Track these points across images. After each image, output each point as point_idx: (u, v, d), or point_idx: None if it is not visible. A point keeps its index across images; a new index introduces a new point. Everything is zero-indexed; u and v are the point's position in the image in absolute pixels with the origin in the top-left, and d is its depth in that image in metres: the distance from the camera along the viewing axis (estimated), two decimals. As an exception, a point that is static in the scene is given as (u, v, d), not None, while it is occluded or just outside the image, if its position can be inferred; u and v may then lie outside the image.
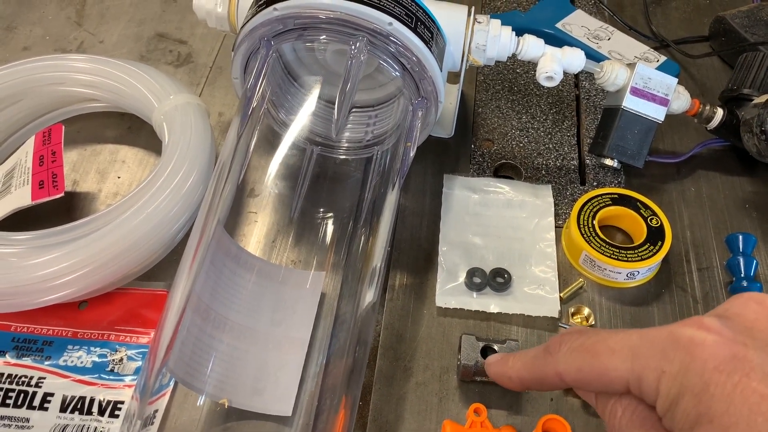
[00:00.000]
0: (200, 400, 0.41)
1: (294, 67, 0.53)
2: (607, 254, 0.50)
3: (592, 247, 0.51)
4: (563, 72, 0.53)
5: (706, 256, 0.54)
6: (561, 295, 0.51)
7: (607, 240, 0.51)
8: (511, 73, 0.68)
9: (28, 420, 0.44)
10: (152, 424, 0.39)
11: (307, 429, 0.41)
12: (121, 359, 0.47)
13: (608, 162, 0.57)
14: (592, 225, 0.52)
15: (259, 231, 0.51)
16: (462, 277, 0.51)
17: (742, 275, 0.51)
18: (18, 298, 0.46)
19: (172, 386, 0.42)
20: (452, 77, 0.57)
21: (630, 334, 0.30)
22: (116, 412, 0.44)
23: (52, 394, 0.45)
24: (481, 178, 0.58)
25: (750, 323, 0.28)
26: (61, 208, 0.55)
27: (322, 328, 0.45)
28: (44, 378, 0.45)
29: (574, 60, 0.53)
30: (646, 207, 0.53)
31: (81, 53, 0.66)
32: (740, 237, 0.53)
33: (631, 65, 0.55)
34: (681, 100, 0.56)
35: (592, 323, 0.49)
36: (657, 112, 0.55)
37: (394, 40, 0.46)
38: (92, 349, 0.47)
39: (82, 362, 0.46)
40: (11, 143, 0.59)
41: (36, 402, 0.44)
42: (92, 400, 0.44)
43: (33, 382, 0.45)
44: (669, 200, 0.58)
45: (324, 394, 0.42)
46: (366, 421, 0.45)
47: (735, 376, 0.26)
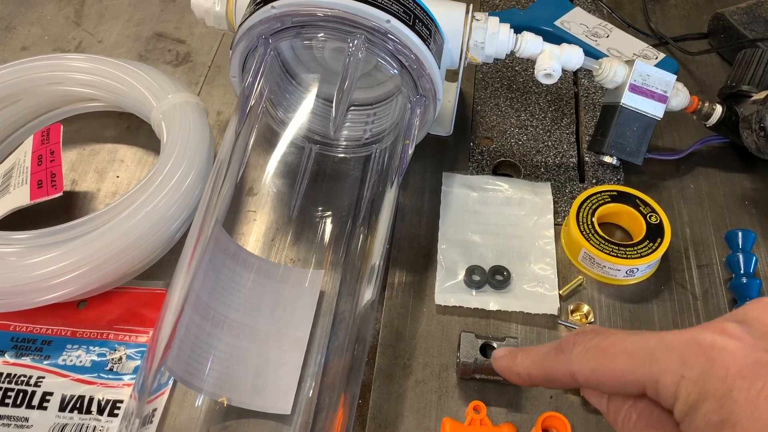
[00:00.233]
0: (199, 399, 0.41)
1: (292, 65, 0.53)
2: (606, 251, 0.50)
3: (592, 245, 0.51)
4: (562, 69, 0.53)
5: (705, 253, 0.54)
6: (560, 292, 0.51)
7: (607, 237, 0.51)
8: (510, 71, 0.68)
9: (27, 419, 0.44)
10: (151, 423, 0.39)
11: (307, 427, 0.41)
12: (120, 358, 0.47)
13: (607, 159, 0.57)
14: (591, 222, 0.52)
15: (258, 229, 0.51)
16: (461, 275, 0.51)
17: (742, 272, 0.51)
18: (17, 298, 0.46)
19: (171, 385, 0.42)
20: (451, 75, 0.57)
21: (648, 337, 0.29)
22: (115, 411, 0.44)
23: (51, 394, 0.45)
24: (480, 176, 0.58)
25: None
26: (60, 208, 0.55)
27: (321, 326, 0.45)
28: (43, 377, 0.45)
29: (572, 57, 0.53)
30: (645, 204, 0.53)
31: (80, 53, 0.66)
32: (739, 234, 0.53)
33: (629, 62, 0.55)
34: (680, 97, 0.56)
35: (592, 320, 0.49)
36: (656, 109, 0.55)
37: (392, 37, 0.46)
38: (91, 348, 0.47)
39: (81, 361, 0.46)
40: (10, 143, 0.59)
41: (35, 401, 0.44)
42: (91, 399, 0.44)
43: (32, 382, 0.45)
44: (668, 197, 0.58)
45: (323, 392, 0.42)
46: (365, 419, 0.45)
47: (759, 381, 0.26)
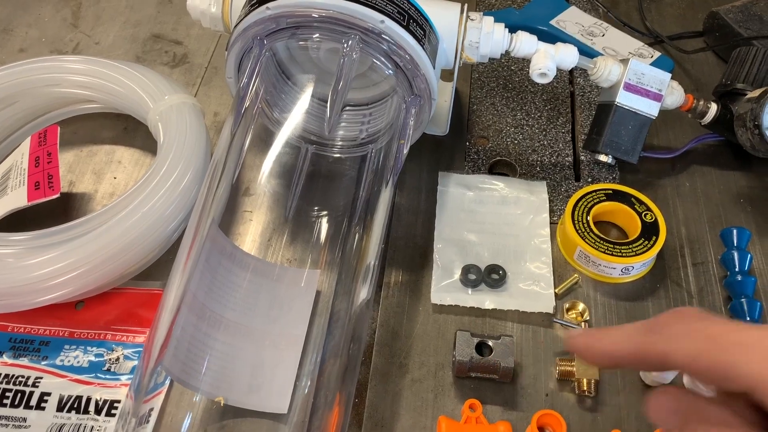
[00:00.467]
0: (196, 398, 0.41)
1: (288, 65, 0.53)
2: (602, 250, 0.51)
3: (587, 243, 0.51)
4: (557, 69, 0.53)
5: (700, 251, 0.54)
6: (556, 290, 0.51)
7: (602, 236, 0.51)
8: (505, 71, 0.68)
9: (25, 419, 0.44)
10: (147, 423, 0.39)
11: (303, 426, 0.41)
12: (117, 358, 0.47)
13: (603, 158, 0.58)
14: (587, 221, 0.52)
15: (254, 230, 0.51)
16: (457, 274, 0.51)
17: (737, 269, 0.51)
18: (15, 299, 0.47)
19: (167, 385, 0.42)
20: (446, 75, 0.57)
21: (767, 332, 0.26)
22: (113, 411, 0.44)
23: (49, 394, 0.45)
24: (476, 175, 0.58)
25: None
26: (57, 209, 0.55)
27: (317, 325, 0.46)
28: (41, 378, 0.46)
29: (567, 56, 0.53)
30: (641, 202, 0.53)
31: (77, 55, 0.66)
32: (734, 231, 0.53)
33: (624, 61, 0.55)
34: (675, 95, 0.56)
35: (587, 318, 0.49)
36: (651, 108, 0.55)
37: (387, 38, 0.46)
38: (89, 348, 0.47)
39: (78, 362, 0.47)
40: (7, 145, 0.59)
41: (33, 402, 0.44)
42: (89, 399, 0.45)
43: (30, 382, 0.45)
44: (664, 195, 0.58)
45: (319, 391, 0.42)
46: (362, 418, 0.45)
47: None
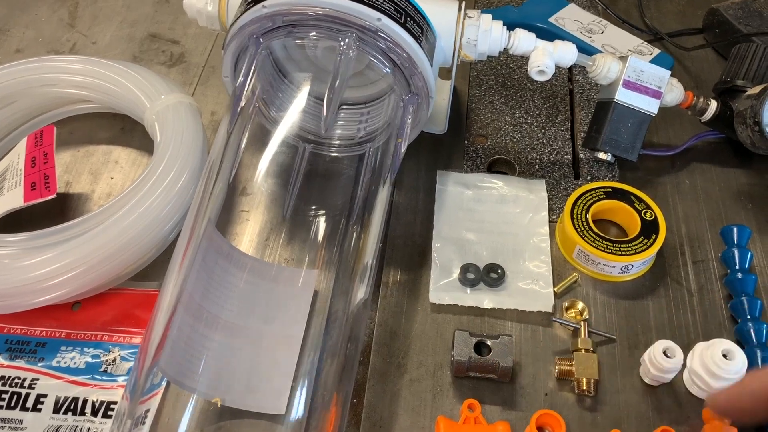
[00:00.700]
0: (192, 399, 0.41)
1: (285, 63, 0.53)
2: (601, 248, 0.50)
3: (586, 242, 0.51)
4: (555, 66, 0.53)
5: (701, 249, 0.54)
6: (555, 289, 0.50)
7: (601, 234, 0.51)
8: (504, 69, 0.68)
9: (21, 421, 0.44)
10: (144, 424, 0.39)
11: (300, 427, 0.41)
12: (114, 360, 0.47)
13: (602, 156, 0.57)
14: (586, 219, 0.52)
15: (251, 230, 0.51)
16: (456, 273, 0.51)
17: (737, 267, 0.51)
18: (11, 300, 0.46)
19: (164, 386, 0.41)
20: (444, 73, 0.57)
21: None
22: (109, 412, 0.44)
23: (45, 395, 0.45)
24: (474, 173, 0.58)
25: None
26: (54, 210, 0.55)
27: (315, 325, 0.45)
28: (37, 379, 0.45)
29: (565, 54, 0.53)
30: (640, 200, 0.53)
31: (73, 55, 0.66)
32: (735, 229, 0.52)
33: (623, 58, 0.55)
34: (674, 92, 0.56)
35: (586, 317, 0.49)
36: (650, 105, 0.55)
37: (384, 35, 0.46)
38: (85, 349, 0.47)
39: (75, 363, 0.46)
40: (4, 146, 0.59)
41: (29, 403, 0.44)
42: (85, 400, 0.44)
43: (26, 384, 0.45)
44: (663, 193, 0.57)
45: (317, 392, 0.42)
46: (360, 418, 0.44)
47: None
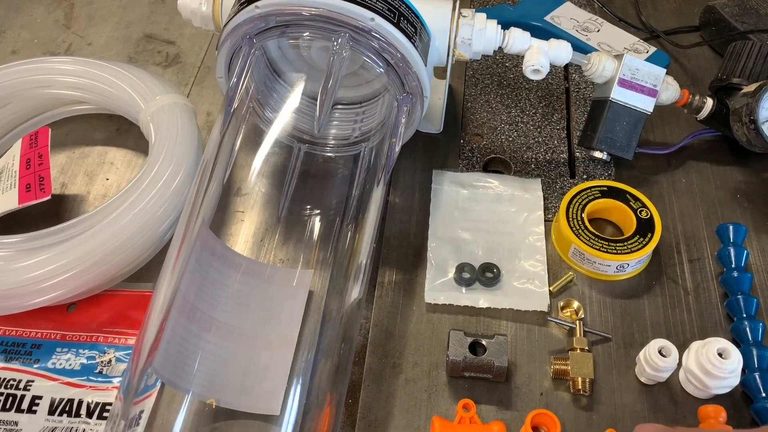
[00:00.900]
0: (187, 400, 0.41)
1: (279, 63, 0.53)
2: (596, 247, 0.50)
3: (582, 240, 0.51)
4: (550, 65, 0.53)
5: (697, 247, 0.54)
6: (551, 288, 0.50)
7: (597, 233, 0.51)
8: (500, 68, 0.68)
9: (16, 423, 0.44)
10: (138, 425, 0.38)
11: (295, 427, 0.41)
12: (109, 361, 0.47)
13: (598, 154, 0.57)
14: (581, 218, 0.52)
15: (246, 230, 0.51)
16: (451, 273, 0.51)
17: (733, 266, 0.51)
18: (6, 301, 0.46)
19: (158, 387, 0.41)
20: (440, 72, 0.57)
21: None
22: (104, 414, 0.44)
23: (40, 397, 0.45)
24: (470, 173, 0.58)
25: None
26: (50, 211, 0.55)
27: (310, 325, 0.45)
28: (33, 381, 0.45)
29: (560, 52, 0.53)
30: (636, 199, 0.53)
31: (68, 56, 0.66)
32: (731, 227, 0.52)
33: (618, 56, 0.54)
34: (670, 90, 0.56)
35: (582, 317, 0.49)
36: (645, 104, 0.55)
37: (377, 35, 0.46)
38: (81, 351, 0.47)
39: (70, 365, 0.46)
40: (-1, 147, 0.59)
41: (24, 405, 0.44)
42: (80, 402, 0.44)
43: (21, 386, 0.45)
44: (659, 192, 0.57)
45: (311, 392, 0.42)
46: (355, 419, 0.44)
47: None
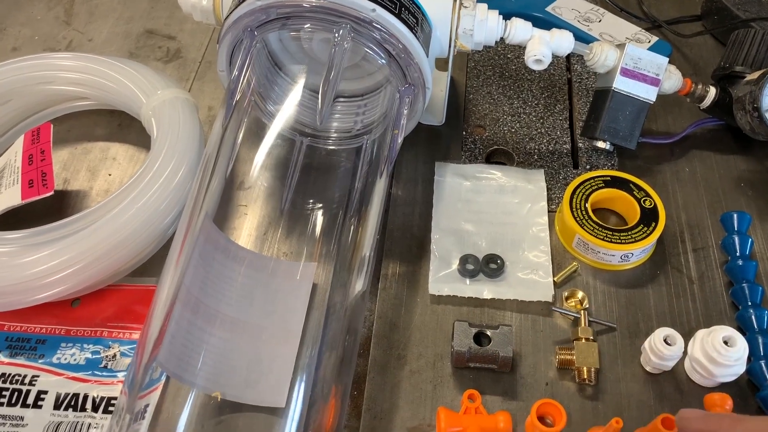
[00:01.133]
0: (192, 394, 0.41)
1: (280, 56, 0.53)
2: (600, 237, 0.50)
3: (585, 231, 0.50)
4: (552, 55, 0.53)
5: (701, 236, 0.54)
6: (555, 279, 0.50)
7: (600, 223, 0.51)
8: (502, 59, 0.67)
9: (22, 418, 0.44)
10: (143, 419, 0.38)
11: (301, 420, 0.41)
12: (114, 355, 0.47)
13: (600, 144, 0.57)
14: (585, 208, 0.52)
15: (249, 223, 0.51)
16: (455, 264, 0.51)
17: (738, 254, 0.50)
18: (11, 297, 0.46)
19: (163, 381, 0.41)
20: (441, 63, 0.57)
21: None
22: (110, 408, 0.44)
23: (45, 392, 0.45)
24: (473, 164, 0.58)
25: None
26: (53, 207, 0.55)
27: (314, 318, 0.45)
28: (38, 376, 0.45)
29: (562, 42, 0.53)
30: (639, 188, 0.53)
31: (69, 52, 0.66)
32: (735, 216, 0.52)
33: (620, 46, 0.54)
34: (672, 79, 0.55)
35: (586, 306, 0.49)
36: (648, 93, 0.55)
37: (378, 26, 0.46)
38: (85, 346, 0.47)
39: (75, 359, 0.46)
40: (1, 144, 0.59)
41: (30, 400, 0.44)
42: (86, 396, 0.44)
43: (27, 381, 0.45)
44: (663, 181, 0.57)
45: (316, 385, 0.42)
46: (360, 410, 0.44)
47: None
